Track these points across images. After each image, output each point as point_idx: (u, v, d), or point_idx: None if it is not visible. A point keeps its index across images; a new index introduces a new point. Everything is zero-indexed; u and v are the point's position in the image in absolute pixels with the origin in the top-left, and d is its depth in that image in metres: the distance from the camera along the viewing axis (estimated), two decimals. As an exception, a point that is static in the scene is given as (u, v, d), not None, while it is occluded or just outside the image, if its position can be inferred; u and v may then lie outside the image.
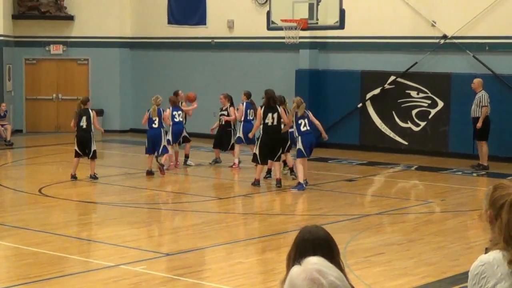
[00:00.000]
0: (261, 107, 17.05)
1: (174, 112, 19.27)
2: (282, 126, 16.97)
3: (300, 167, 16.59)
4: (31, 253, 11.31)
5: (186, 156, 19.89)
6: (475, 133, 19.51)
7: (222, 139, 19.81)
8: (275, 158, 16.91)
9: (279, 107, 16.95)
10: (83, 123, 17.53)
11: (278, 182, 16.90)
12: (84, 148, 17.56)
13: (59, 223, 13.53)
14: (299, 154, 16.60)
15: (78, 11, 27.42)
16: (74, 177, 17.60)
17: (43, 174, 19.13)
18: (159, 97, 18.54)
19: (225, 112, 19.72)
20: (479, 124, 19.12)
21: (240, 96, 19.80)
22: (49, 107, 27.73)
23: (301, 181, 16.60)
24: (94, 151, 17.62)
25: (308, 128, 16.61)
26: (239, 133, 19.52)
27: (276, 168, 17.10)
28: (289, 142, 17.30)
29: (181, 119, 19.39)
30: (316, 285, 2.62)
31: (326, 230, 4.07)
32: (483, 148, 19.43)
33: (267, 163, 17.31)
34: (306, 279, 2.63)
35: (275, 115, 16.84)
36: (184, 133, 19.62)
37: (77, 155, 17.64)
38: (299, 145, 16.47)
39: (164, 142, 18.31)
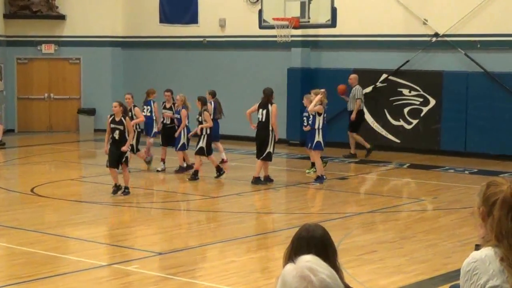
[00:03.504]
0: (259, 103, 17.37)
1: (145, 107, 19.79)
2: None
3: (318, 160, 17.17)
4: (23, 252, 11.29)
5: (138, 150, 19.34)
6: (348, 125, 21.15)
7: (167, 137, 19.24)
8: (260, 157, 16.94)
9: (271, 105, 16.99)
10: None
11: (255, 180, 17.00)
12: None
13: (51, 222, 13.51)
14: (318, 147, 17.15)
15: (69, 10, 27.37)
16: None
17: (35, 174, 19.07)
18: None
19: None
20: (353, 116, 20.91)
21: (232, 95, 19.76)
22: (41, 107, 27.68)
23: (320, 174, 17.09)
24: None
25: (325, 122, 17.47)
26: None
27: (256, 165, 17.19)
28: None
29: (148, 114, 19.67)
30: (306, 282, 2.61)
31: (325, 229, 4.09)
32: (355, 138, 20.96)
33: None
34: (297, 276, 2.63)
35: (264, 112, 17.00)
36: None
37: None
38: (319, 137, 17.08)
39: (183, 140, 18.44)
